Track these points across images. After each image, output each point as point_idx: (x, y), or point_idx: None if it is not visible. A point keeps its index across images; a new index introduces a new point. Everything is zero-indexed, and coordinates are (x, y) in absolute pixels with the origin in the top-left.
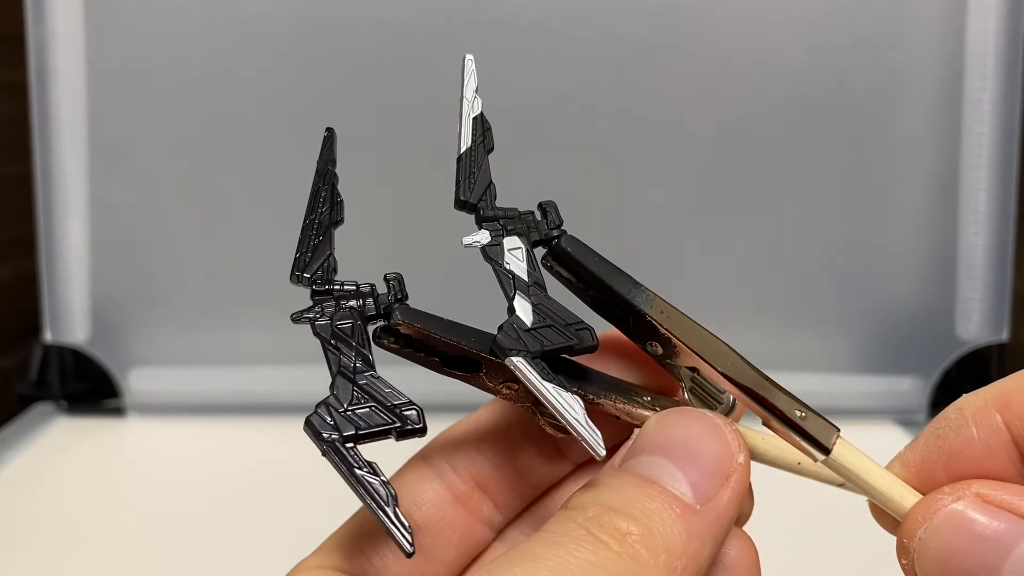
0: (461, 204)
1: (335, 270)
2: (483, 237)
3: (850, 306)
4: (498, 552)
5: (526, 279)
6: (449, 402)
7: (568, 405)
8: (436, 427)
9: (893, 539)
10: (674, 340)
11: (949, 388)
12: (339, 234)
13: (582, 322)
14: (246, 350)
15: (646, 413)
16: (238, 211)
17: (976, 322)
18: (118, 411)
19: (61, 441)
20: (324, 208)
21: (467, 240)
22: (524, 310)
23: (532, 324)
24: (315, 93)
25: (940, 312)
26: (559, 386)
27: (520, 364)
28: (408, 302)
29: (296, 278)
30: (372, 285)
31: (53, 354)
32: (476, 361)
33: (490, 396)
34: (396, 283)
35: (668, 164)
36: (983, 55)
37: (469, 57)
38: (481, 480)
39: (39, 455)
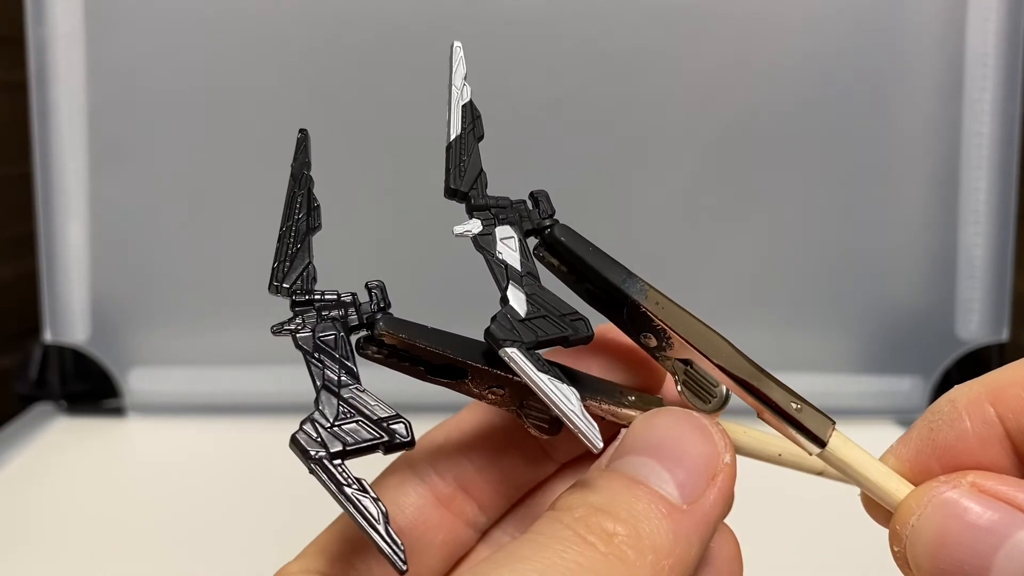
0: (451, 192)
1: (315, 279)
2: (474, 226)
3: (850, 306)
4: (483, 554)
5: (519, 269)
6: (433, 403)
7: (564, 397)
8: (420, 428)
9: (880, 536)
10: (669, 331)
11: (949, 388)
12: (320, 241)
13: (577, 312)
14: (246, 350)
15: (632, 413)
16: (238, 211)
17: (976, 322)
18: (118, 411)
19: (61, 441)
20: (301, 214)
21: (458, 229)
22: (518, 300)
23: (526, 315)
24: (314, 93)
25: (940, 312)
26: (555, 378)
27: (515, 355)
28: (391, 310)
29: (275, 289)
30: (354, 294)
31: (53, 354)
32: (462, 369)
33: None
34: (378, 292)
35: (668, 165)
36: (983, 55)
37: (457, 44)
38: (464, 482)
39: (39, 455)
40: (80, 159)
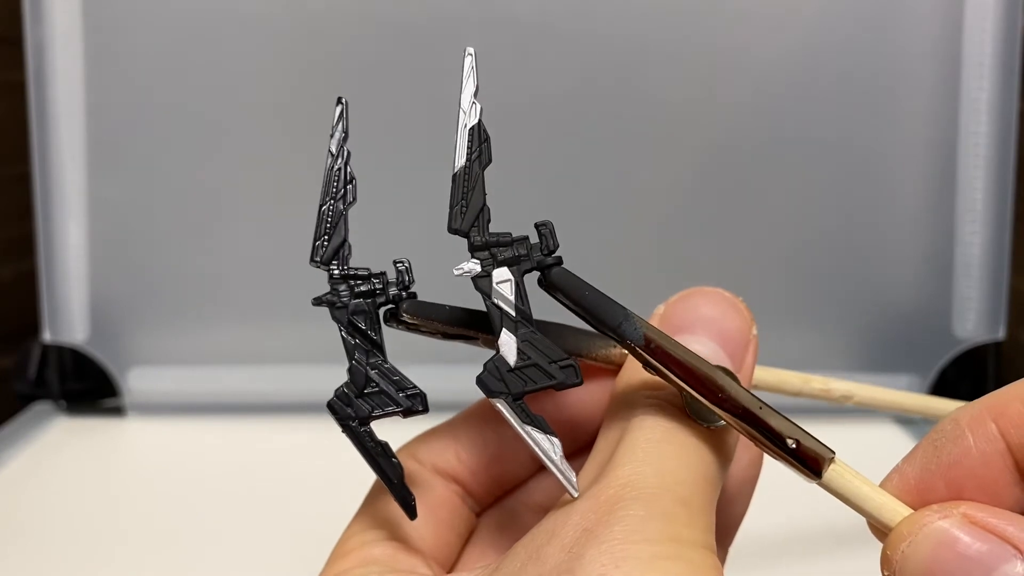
0: (453, 231)
1: (350, 255)
2: (473, 267)
3: (847, 304)
4: (485, 534)
5: (513, 314)
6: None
7: (545, 446)
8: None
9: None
10: (664, 372)
11: (946, 386)
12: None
13: (567, 358)
14: (246, 350)
15: (622, 352)
16: (237, 210)
17: (973, 320)
18: (117, 411)
19: (60, 440)
20: (340, 190)
21: (457, 271)
22: (509, 348)
23: (515, 364)
24: (314, 92)
25: (937, 310)
26: (538, 428)
27: (501, 407)
28: (416, 287)
29: (316, 264)
30: (383, 273)
31: (52, 353)
32: (474, 337)
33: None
34: (405, 270)
35: (665, 164)
36: (980, 54)
37: (470, 51)
38: (459, 472)
39: (38, 454)
40: (79, 159)
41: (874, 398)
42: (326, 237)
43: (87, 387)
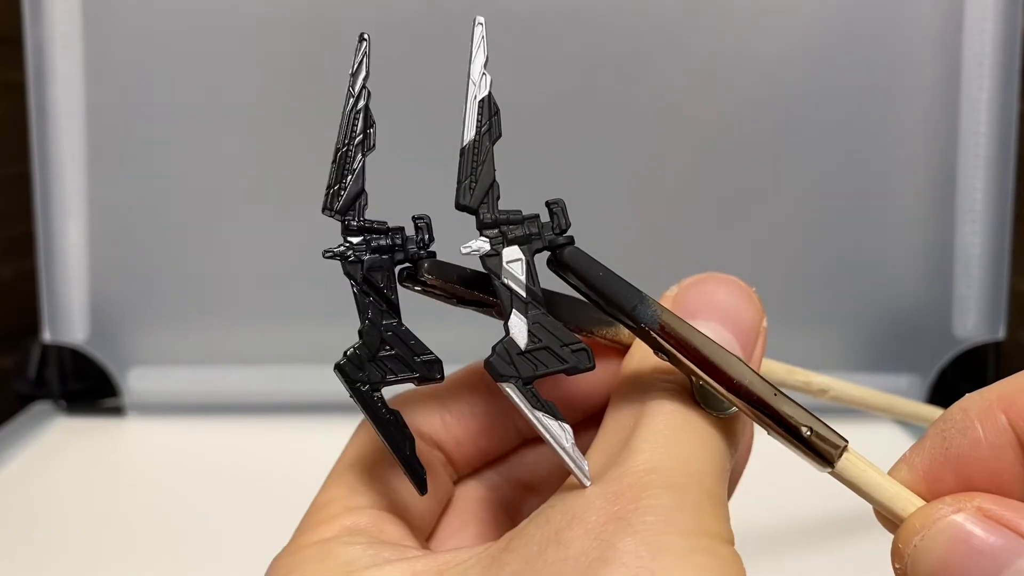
0: (462, 207)
1: (366, 206)
2: (482, 246)
3: (847, 304)
4: (466, 501)
5: (523, 295)
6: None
7: (557, 433)
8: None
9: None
10: (678, 357)
11: (946, 386)
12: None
13: (579, 342)
14: (246, 350)
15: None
16: (237, 210)
17: (973, 320)
18: (117, 410)
19: (60, 440)
20: (358, 133)
21: (465, 249)
22: (519, 330)
23: (526, 347)
24: (314, 91)
25: (937, 310)
26: (548, 414)
27: (511, 391)
28: (435, 245)
29: (329, 213)
30: (402, 228)
31: (52, 353)
32: (490, 304)
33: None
34: (425, 227)
35: (665, 164)
36: (980, 54)
37: (480, 20)
38: (447, 436)
39: (38, 455)
40: (79, 159)
41: (850, 394)
42: (342, 184)
43: (87, 387)
